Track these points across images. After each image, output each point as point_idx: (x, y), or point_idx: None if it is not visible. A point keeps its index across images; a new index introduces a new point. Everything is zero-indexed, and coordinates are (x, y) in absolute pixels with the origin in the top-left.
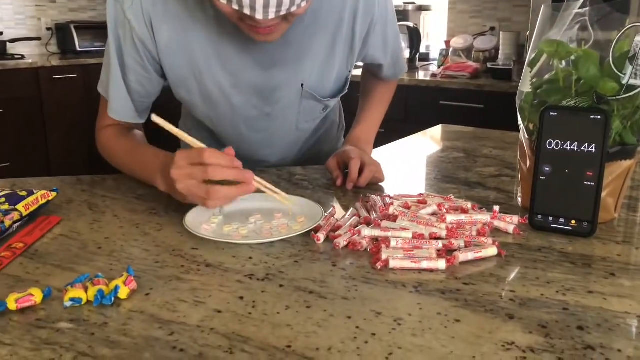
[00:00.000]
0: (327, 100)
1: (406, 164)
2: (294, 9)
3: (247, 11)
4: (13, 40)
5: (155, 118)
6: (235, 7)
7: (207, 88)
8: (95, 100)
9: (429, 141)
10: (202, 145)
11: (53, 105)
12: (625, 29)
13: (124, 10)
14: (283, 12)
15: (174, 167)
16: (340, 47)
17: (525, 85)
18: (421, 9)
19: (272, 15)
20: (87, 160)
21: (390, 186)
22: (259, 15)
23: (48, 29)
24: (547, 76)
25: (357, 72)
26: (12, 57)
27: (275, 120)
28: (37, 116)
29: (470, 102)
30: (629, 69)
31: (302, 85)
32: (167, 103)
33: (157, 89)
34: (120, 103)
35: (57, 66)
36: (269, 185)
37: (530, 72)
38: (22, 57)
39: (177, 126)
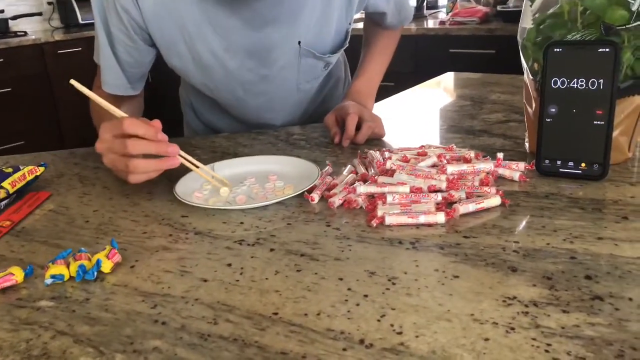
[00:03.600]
0: (328, 56)
1: (409, 116)
2: None
3: None
4: (15, 17)
5: (74, 82)
6: None
7: (198, 53)
8: None
9: (434, 90)
10: (123, 114)
11: (61, 80)
12: None
13: None
14: None
15: (99, 140)
16: None
17: (526, 22)
18: None
19: None
20: None
21: (391, 140)
22: None
23: (49, 3)
24: (550, 10)
25: (360, 26)
26: (15, 34)
27: (274, 83)
28: (46, 92)
29: (481, 48)
30: None
31: (299, 42)
32: (167, 70)
33: (148, 58)
34: (111, 75)
35: (61, 40)
36: (194, 161)
37: (531, 6)
38: (25, 33)
39: (177, 95)
